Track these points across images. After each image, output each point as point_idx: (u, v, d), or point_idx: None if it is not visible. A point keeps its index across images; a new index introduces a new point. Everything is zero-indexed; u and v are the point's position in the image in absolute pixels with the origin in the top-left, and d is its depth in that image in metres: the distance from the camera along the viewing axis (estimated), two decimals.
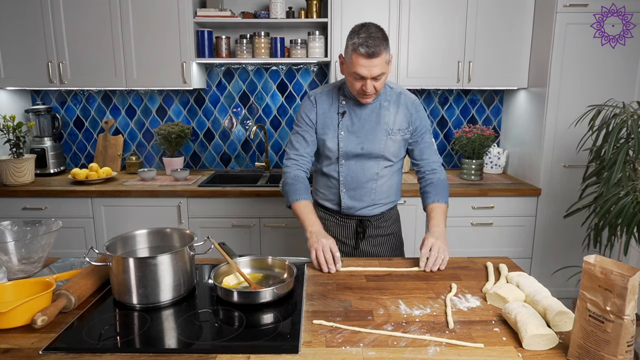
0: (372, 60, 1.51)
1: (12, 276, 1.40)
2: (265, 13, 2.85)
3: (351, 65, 1.55)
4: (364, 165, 1.74)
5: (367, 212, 1.81)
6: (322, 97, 1.75)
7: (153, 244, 1.43)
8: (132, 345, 1.06)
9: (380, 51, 1.51)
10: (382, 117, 1.71)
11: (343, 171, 1.76)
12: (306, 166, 1.77)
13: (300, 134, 1.76)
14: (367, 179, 1.76)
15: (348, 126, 1.71)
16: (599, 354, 0.93)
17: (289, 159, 1.77)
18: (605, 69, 2.62)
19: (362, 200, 1.79)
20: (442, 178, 1.78)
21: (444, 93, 3.22)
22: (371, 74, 1.54)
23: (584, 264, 0.96)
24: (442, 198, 1.72)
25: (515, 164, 3.07)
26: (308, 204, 1.68)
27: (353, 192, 1.78)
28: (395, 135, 1.73)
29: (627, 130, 2.13)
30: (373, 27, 1.54)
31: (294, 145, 1.77)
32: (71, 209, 2.71)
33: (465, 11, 2.77)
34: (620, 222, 2.08)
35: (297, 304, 1.25)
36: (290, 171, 1.75)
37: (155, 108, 3.24)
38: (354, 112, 1.71)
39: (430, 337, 1.08)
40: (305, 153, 1.76)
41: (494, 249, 2.78)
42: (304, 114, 1.75)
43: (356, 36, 1.52)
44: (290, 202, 1.70)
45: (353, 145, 1.71)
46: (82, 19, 2.77)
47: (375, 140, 1.71)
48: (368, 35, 1.50)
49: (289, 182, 1.73)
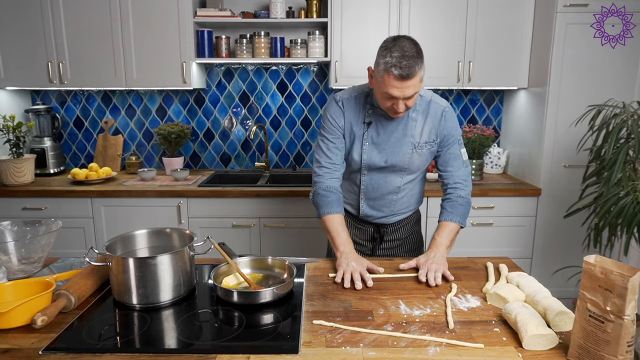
0: (405, 82, 1.39)
1: (12, 276, 1.40)
2: (265, 13, 2.85)
3: (382, 84, 1.43)
4: (387, 177, 1.67)
5: (385, 221, 1.77)
6: (350, 103, 1.63)
7: (153, 244, 1.43)
8: (132, 346, 1.06)
9: (415, 72, 1.38)
10: (409, 129, 1.60)
11: (365, 181, 1.69)
12: (339, 174, 1.66)
13: (331, 140, 1.63)
14: (389, 192, 1.69)
15: (373, 137, 1.61)
16: (599, 354, 0.93)
17: (321, 167, 1.65)
18: (605, 69, 2.61)
19: (381, 211, 1.74)
20: (462, 195, 1.65)
21: (444, 93, 3.22)
22: (404, 95, 1.42)
23: (584, 264, 0.96)
24: (455, 217, 1.62)
25: (515, 164, 3.07)
26: (340, 218, 1.59)
27: (373, 202, 1.72)
28: (422, 149, 1.63)
29: (627, 130, 2.13)
30: (407, 44, 1.40)
31: (326, 153, 1.64)
32: (71, 209, 2.71)
33: (465, 11, 2.77)
34: (621, 222, 2.08)
35: (297, 304, 1.25)
36: (322, 181, 1.64)
37: (155, 108, 3.24)
38: (380, 123, 1.61)
39: (430, 337, 1.08)
40: (338, 160, 1.65)
41: (494, 249, 2.78)
42: (332, 118, 1.63)
43: (389, 54, 1.39)
44: (321, 215, 1.61)
45: (376, 158, 1.62)
46: (82, 19, 2.77)
47: (400, 153, 1.62)
48: (402, 55, 1.37)
49: (321, 192, 1.62)
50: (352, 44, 2.80)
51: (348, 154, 1.66)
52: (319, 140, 1.68)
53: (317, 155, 1.67)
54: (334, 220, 1.58)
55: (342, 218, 1.61)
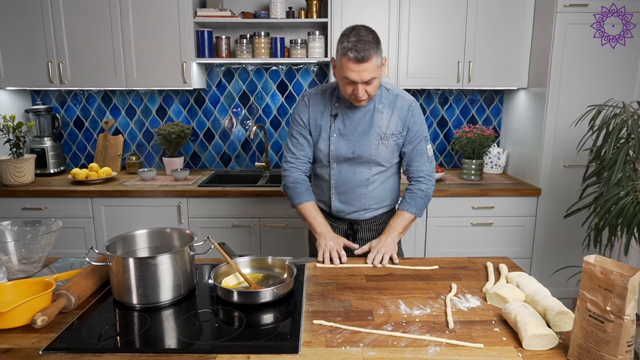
0: (361, 65, 1.47)
1: (12, 276, 1.40)
2: (265, 13, 2.85)
3: (341, 69, 1.52)
4: (355, 170, 1.72)
5: (357, 217, 1.80)
6: (316, 97, 1.71)
7: (153, 244, 1.43)
8: (132, 345, 1.06)
9: (370, 55, 1.46)
10: (375, 120, 1.67)
11: (334, 174, 1.74)
12: (304, 167, 1.76)
13: (295, 136, 1.74)
14: (358, 184, 1.74)
15: (340, 129, 1.68)
16: (599, 354, 0.93)
17: (287, 162, 1.76)
18: (605, 69, 2.61)
19: (352, 205, 1.78)
20: (423, 189, 1.72)
21: (444, 93, 3.22)
22: (361, 79, 1.50)
23: (584, 264, 0.96)
24: (412, 208, 1.70)
25: (515, 164, 3.07)
26: (313, 205, 1.72)
27: (343, 196, 1.77)
28: (387, 140, 1.68)
29: (627, 130, 2.13)
30: (363, 30, 1.49)
31: (290, 148, 1.75)
32: (71, 209, 2.71)
33: (465, 11, 2.77)
34: (621, 222, 2.08)
35: (297, 304, 1.25)
36: (289, 174, 1.75)
37: (155, 108, 3.24)
38: (346, 114, 1.68)
39: (430, 337, 1.08)
40: (302, 155, 1.74)
41: (494, 249, 2.78)
42: (297, 115, 1.73)
43: (346, 40, 1.48)
44: (295, 205, 1.73)
45: (344, 149, 1.69)
46: (82, 19, 2.77)
47: (367, 144, 1.68)
48: (358, 39, 1.46)
49: (289, 185, 1.74)
50: None
51: (315, 146, 1.73)
52: (287, 137, 1.80)
53: (284, 152, 1.79)
54: (307, 207, 1.71)
55: (314, 204, 1.74)
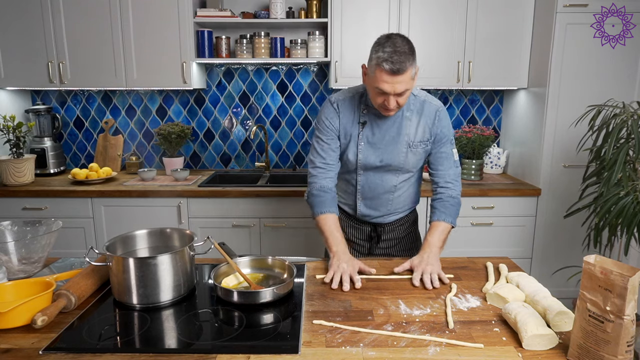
0: (396, 77, 1.41)
1: (12, 276, 1.40)
2: (265, 13, 2.85)
3: (374, 80, 1.45)
4: (383, 177, 1.68)
5: (382, 220, 1.78)
6: (345, 104, 1.65)
7: (153, 244, 1.43)
8: (132, 345, 1.06)
9: (405, 67, 1.40)
10: (403, 128, 1.62)
11: (361, 180, 1.70)
12: (333, 174, 1.67)
13: (326, 142, 1.65)
14: (385, 191, 1.70)
15: (368, 137, 1.63)
16: (599, 354, 0.93)
17: (315, 168, 1.66)
18: (605, 69, 2.61)
19: (377, 210, 1.75)
20: (453, 195, 1.66)
21: (444, 93, 3.22)
22: (394, 91, 1.44)
23: (584, 264, 0.96)
24: (447, 217, 1.62)
25: (515, 164, 3.07)
26: (334, 218, 1.60)
27: (370, 201, 1.74)
28: (416, 148, 1.64)
29: (627, 130, 2.13)
30: (399, 40, 1.43)
31: (320, 153, 1.66)
32: (71, 209, 2.71)
33: (465, 11, 2.77)
34: (621, 222, 2.08)
35: (297, 304, 1.25)
36: (316, 181, 1.65)
37: (155, 108, 3.24)
38: (375, 122, 1.62)
39: (430, 337, 1.08)
40: (332, 161, 1.66)
41: (494, 249, 2.78)
42: (327, 120, 1.65)
43: (381, 49, 1.41)
44: (315, 215, 1.62)
45: (372, 157, 1.64)
46: (82, 19, 2.77)
47: (395, 152, 1.63)
48: (394, 50, 1.40)
49: (314, 193, 1.64)
50: (352, 44, 2.80)
51: (343, 154, 1.68)
52: (313, 142, 1.69)
53: (311, 156, 1.69)
54: (327, 220, 1.59)
55: (336, 218, 1.61)
